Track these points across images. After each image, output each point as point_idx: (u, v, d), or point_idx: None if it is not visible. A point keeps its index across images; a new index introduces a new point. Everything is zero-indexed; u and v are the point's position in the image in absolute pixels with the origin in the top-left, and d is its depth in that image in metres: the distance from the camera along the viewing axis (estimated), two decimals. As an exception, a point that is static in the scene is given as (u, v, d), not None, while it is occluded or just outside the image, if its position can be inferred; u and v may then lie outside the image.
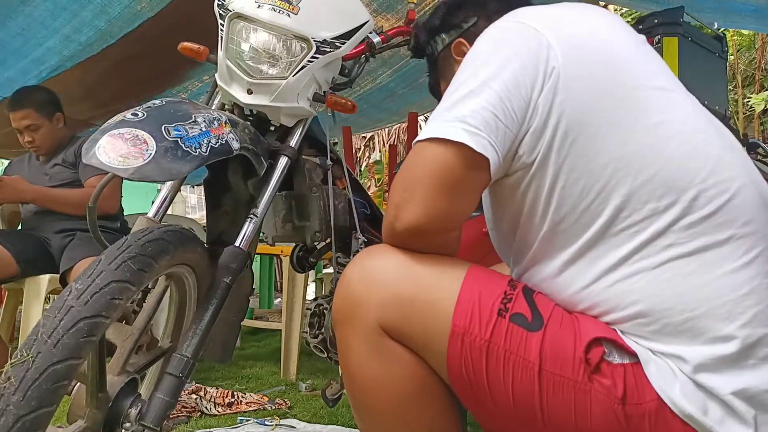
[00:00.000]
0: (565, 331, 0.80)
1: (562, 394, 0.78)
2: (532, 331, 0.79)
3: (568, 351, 0.78)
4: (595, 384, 0.77)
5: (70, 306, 0.81)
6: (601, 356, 0.78)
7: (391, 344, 0.83)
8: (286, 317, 2.81)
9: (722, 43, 2.50)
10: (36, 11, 2.53)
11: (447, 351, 0.81)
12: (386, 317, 0.82)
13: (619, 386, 0.77)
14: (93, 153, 0.91)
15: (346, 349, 0.87)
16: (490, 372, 0.80)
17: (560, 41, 0.84)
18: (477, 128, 0.80)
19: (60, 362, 0.77)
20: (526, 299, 0.82)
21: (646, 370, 0.77)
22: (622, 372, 0.78)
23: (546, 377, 0.78)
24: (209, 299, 1.04)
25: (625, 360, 0.79)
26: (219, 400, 2.28)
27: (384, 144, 10.24)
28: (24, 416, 0.74)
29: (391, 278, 0.84)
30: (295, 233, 1.47)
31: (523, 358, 0.78)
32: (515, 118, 0.82)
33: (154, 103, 1.03)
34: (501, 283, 0.84)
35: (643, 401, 0.76)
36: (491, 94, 0.81)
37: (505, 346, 0.79)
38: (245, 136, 1.11)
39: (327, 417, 2.16)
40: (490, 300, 0.81)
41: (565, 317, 0.82)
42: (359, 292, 0.85)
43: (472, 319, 0.80)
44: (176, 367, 0.98)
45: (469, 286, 0.82)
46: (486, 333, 0.79)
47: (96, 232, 1.07)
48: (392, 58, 3.53)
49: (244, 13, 1.17)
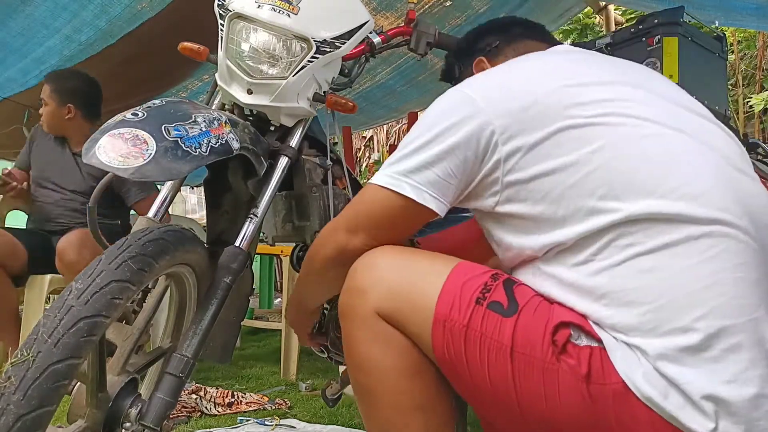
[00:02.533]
0: (537, 317, 0.86)
1: (533, 375, 0.83)
2: (506, 316, 0.86)
3: (538, 334, 0.84)
4: (562, 364, 0.82)
5: (71, 305, 0.82)
6: (567, 338, 0.83)
7: (387, 328, 0.91)
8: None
9: (722, 43, 2.49)
10: (36, 11, 2.53)
11: (431, 336, 0.89)
12: (382, 306, 0.91)
13: (583, 365, 0.81)
14: (93, 153, 0.91)
15: (350, 340, 0.95)
16: (469, 355, 0.87)
17: (495, 107, 0.93)
18: (420, 184, 0.94)
19: (60, 362, 0.77)
20: (505, 289, 0.89)
21: (611, 355, 0.81)
22: (588, 353, 0.82)
23: (517, 359, 0.84)
24: (209, 299, 1.04)
25: (593, 343, 0.83)
26: (219, 400, 2.28)
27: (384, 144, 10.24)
28: (24, 415, 0.74)
29: (387, 273, 0.93)
30: (295, 233, 1.47)
31: (497, 341, 0.85)
32: (453, 174, 0.94)
33: (154, 102, 1.03)
34: (484, 275, 0.91)
35: (608, 382, 0.80)
36: (432, 155, 0.94)
37: (481, 330, 0.86)
38: (245, 136, 1.11)
39: (327, 417, 2.16)
40: (470, 290, 0.89)
41: (541, 305, 0.88)
42: (360, 286, 0.94)
43: (452, 308, 0.88)
44: (176, 367, 0.98)
45: (453, 278, 0.90)
46: (464, 319, 0.87)
47: (96, 231, 1.07)
48: (391, 56, 3.54)
49: (244, 13, 1.17)
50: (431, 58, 3.65)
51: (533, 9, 3.31)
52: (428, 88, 4.28)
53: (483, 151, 0.92)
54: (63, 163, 2.57)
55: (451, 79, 1.37)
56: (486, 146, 0.92)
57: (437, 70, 4.33)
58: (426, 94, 4.52)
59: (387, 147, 9.28)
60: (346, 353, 0.97)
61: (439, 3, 3.18)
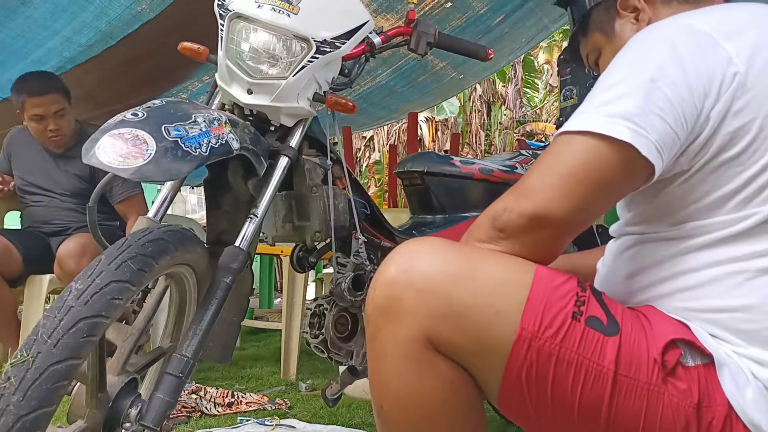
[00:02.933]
0: (638, 334, 0.76)
1: (634, 399, 0.74)
2: (608, 335, 0.75)
3: (643, 354, 0.75)
4: (669, 387, 0.74)
5: (70, 306, 0.82)
6: (678, 359, 0.75)
7: (436, 359, 0.76)
8: (286, 317, 2.81)
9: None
10: (36, 12, 2.53)
11: (508, 358, 0.75)
12: (436, 329, 0.75)
13: (694, 391, 0.74)
14: (93, 153, 0.91)
15: (380, 354, 0.79)
16: (557, 377, 0.75)
17: (740, 50, 0.78)
18: (645, 130, 0.74)
19: (60, 362, 0.77)
20: (599, 301, 0.78)
21: (719, 373, 0.74)
22: (696, 375, 0.74)
23: (620, 382, 0.74)
24: (209, 299, 1.04)
25: (698, 361, 0.75)
26: (219, 400, 2.28)
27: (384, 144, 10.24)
28: (24, 416, 0.74)
29: (445, 284, 0.75)
30: (295, 233, 1.47)
31: (597, 364, 0.74)
32: (685, 125, 0.76)
33: (154, 103, 1.03)
34: (570, 283, 0.78)
35: (713, 404, 0.74)
36: (660, 97, 0.75)
37: (578, 351, 0.74)
38: (245, 136, 1.11)
39: (327, 417, 2.16)
40: (562, 303, 0.76)
41: (634, 319, 0.78)
42: (406, 298, 0.76)
43: (542, 323, 0.74)
44: (176, 367, 0.98)
45: (537, 287, 0.75)
46: (558, 337, 0.74)
47: (96, 231, 1.07)
48: (391, 57, 3.54)
49: (244, 13, 1.17)
50: (431, 59, 3.66)
51: (533, 9, 3.31)
52: (428, 89, 4.28)
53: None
54: (47, 167, 2.52)
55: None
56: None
57: (437, 71, 4.32)
58: (426, 95, 4.52)
59: (387, 147, 9.28)
60: (370, 363, 0.82)
61: (439, 4, 3.18)
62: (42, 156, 2.55)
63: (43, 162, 2.54)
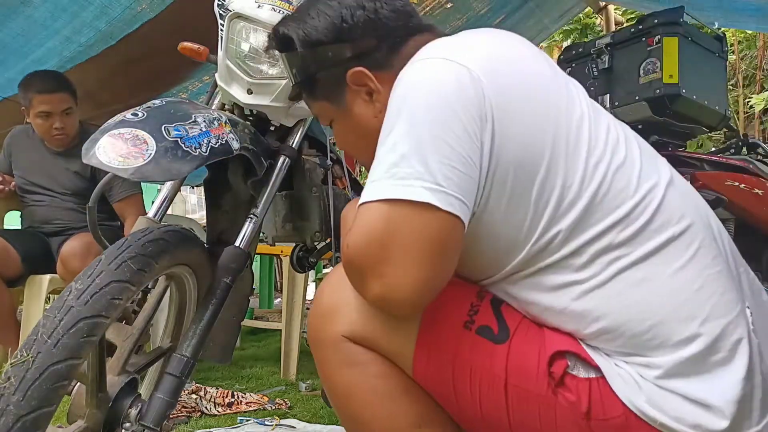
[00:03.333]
0: (530, 344, 0.78)
1: (528, 408, 0.77)
2: (497, 343, 0.78)
3: (532, 364, 0.77)
4: (560, 398, 0.76)
5: (70, 306, 0.81)
6: (565, 369, 0.77)
7: (360, 350, 0.83)
8: (286, 317, 2.80)
9: (722, 43, 2.50)
10: (36, 12, 2.53)
11: (413, 362, 0.81)
12: (353, 330, 0.83)
13: (583, 401, 0.76)
14: (93, 153, 0.91)
15: (323, 367, 0.87)
16: (457, 384, 0.80)
17: (491, 81, 0.78)
18: (439, 185, 0.72)
19: (60, 362, 0.77)
20: (494, 310, 0.81)
21: (611, 383, 0.76)
22: (587, 386, 0.76)
23: (511, 390, 0.77)
24: (209, 299, 1.04)
25: (591, 374, 0.78)
26: (219, 400, 2.28)
27: (384, 144, 10.22)
28: (24, 416, 0.74)
29: (355, 294, 0.82)
30: (295, 233, 1.47)
31: (488, 372, 0.78)
32: (473, 164, 0.75)
33: (154, 103, 1.03)
34: (469, 293, 0.82)
35: (609, 417, 0.76)
36: (443, 146, 0.73)
37: (471, 360, 0.78)
38: (245, 136, 1.11)
39: (327, 417, 2.16)
40: (456, 312, 0.80)
41: (531, 329, 0.80)
42: (326, 311, 0.86)
43: (437, 333, 0.80)
44: (176, 367, 0.98)
45: (436, 298, 0.77)
46: (451, 347, 0.79)
47: (96, 231, 1.07)
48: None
49: (244, 13, 1.17)
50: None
51: (534, 9, 3.31)
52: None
53: None
54: (47, 166, 2.52)
55: (286, 49, 0.99)
56: None
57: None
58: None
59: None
60: (322, 382, 0.89)
61: (440, 5, 3.18)
62: (42, 155, 2.55)
63: (43, 161, 2.54)
